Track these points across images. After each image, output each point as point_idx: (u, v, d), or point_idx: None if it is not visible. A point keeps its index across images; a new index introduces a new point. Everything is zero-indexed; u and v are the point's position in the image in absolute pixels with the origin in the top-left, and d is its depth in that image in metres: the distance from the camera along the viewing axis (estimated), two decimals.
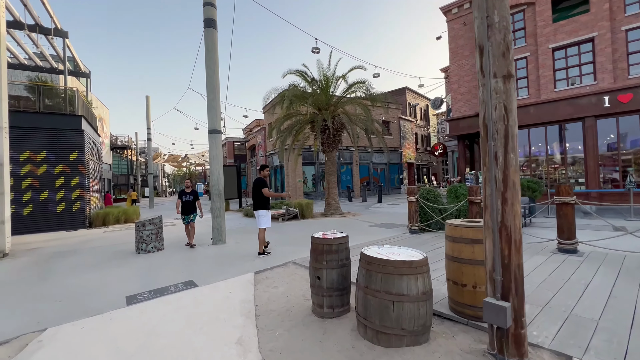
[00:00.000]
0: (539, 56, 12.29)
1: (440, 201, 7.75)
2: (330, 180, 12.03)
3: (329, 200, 12.02)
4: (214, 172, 6.91)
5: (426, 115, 34.14)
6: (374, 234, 7.29)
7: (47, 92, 11.28)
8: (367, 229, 8.23)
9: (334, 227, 8.89)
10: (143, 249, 6.34)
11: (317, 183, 22.36)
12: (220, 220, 6.89)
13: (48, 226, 10.79)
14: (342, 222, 9.78)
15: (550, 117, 12.04)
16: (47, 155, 10.93)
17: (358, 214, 11.97)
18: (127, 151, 37.03)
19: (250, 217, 12.51)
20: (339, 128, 11.71)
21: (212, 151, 6.91)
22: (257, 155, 28.00)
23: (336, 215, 11.69)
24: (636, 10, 10.65)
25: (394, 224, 8.96)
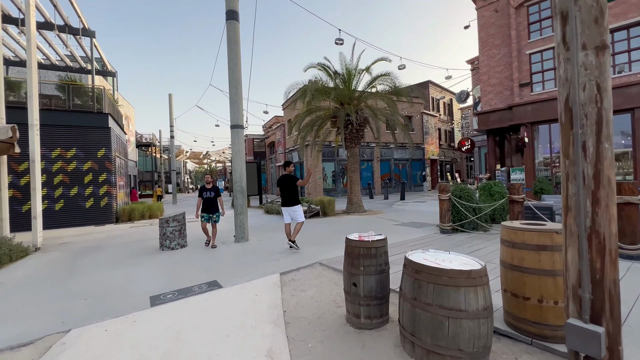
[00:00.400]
0: None
1: (474, 199, 7.24)
2: (352, 177, 11.68)
3: (351, 198, 11.68)
4: (237, 169, 6.75)
5: (450, 110, 32.88)
6: (403, 234, 6.90)
7: (76, 91, 11.59)
8: (394, 228, 7.83)
9: (357, 225, 8.56)
10: (167, 245, 6.29)
11: (337, 180, 22.04)
12: (243, 218, 6.73)
13: (78, 221, 11.13)
14: (366, 221, 9.42)
15: None
16: (76, 152, 11.25)
17: (381, 212, 11.56)
18: (151, 148, 38.20)
19: (271, 214, 12.40)
20: (362, 123, 11.31)
21: (235, 147, 6.75)
22: (277, 151, 28.00)
23: (359, 213, 11.33)
24: None
25: (422, 222, 8.51)
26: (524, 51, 12.74)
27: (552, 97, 11.97)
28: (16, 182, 10.42)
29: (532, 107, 12.41)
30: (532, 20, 12.68)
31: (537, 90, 12.57)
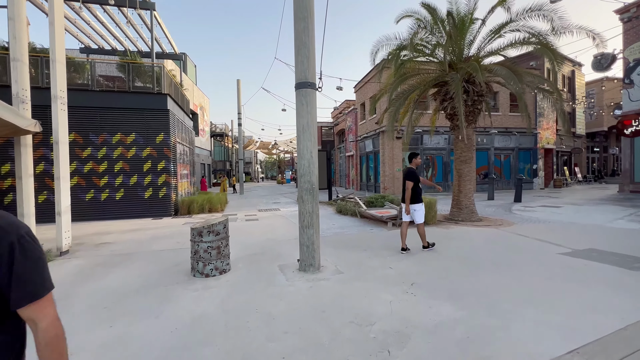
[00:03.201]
0: None
1: None
2: (462, 171, 8.20)
3: (459, 200, 8.25)
4: (304, 153, 4.16)
5: (571, 85, 25.40)
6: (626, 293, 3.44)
7: (135, 70, 10.58)
8: (579, 269, 4.34)
9: (493, 252, 5.26)
10: (199, 270, 4.09)
11: (420, 173, 18.26)
12: (313, 233, 4.16)
13: (136, 212, 10.21)
14: (500, 242, 6.00)
15: None
16: (135, 137, 10.28)
17: (505, 222, 7.86)
18: (225, 138, 39.42)
19: (345, 214, 9.74)
20: (481, 93, 7.70)
21: (302, 118, 4.15)
22: (347, 140, 25.29)
23: (471, 222, 7.86)
24: None
25: (624, 255, 4.76)
26: None
27: None
28: (80, 169, 9.88)
29: None
30: None
31: None
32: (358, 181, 23.27)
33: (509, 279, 3.76)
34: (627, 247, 5.15)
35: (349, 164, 25.39)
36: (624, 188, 16.03)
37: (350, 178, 25.35)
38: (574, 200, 12.97)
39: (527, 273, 3.93)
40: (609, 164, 32.29)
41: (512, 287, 3.51)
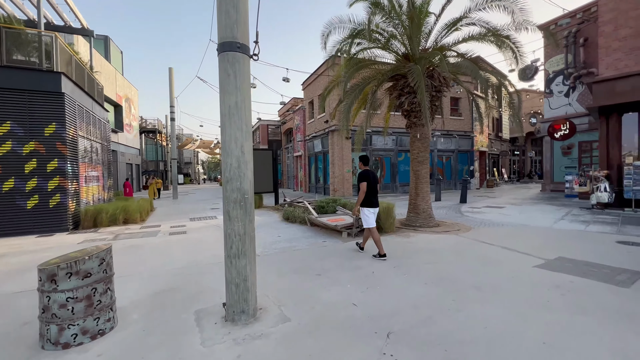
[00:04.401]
0: None
1: None
2: (420, 172, 7.58)
3: (416, 204, 7.61)
4: (231, 148, 2.81)
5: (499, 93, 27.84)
6: None
7: (12, 38, 7.94)
8: (569, 289, 3.75)
9: (456, 261, 4.52)
10: (50, 338, 2.47)
11: None
12: (246, 265, 2.83)
13: (13, 228, 7.60)
14: (468, 253, 5.36)
15: None
16: (12, 127, 7.67)
17: (462, 226, 7.45)
18: (158, 136, 35.14)
19: (293, 222, 8.51)
20: (439, 88, 7.15)
21: (228, 96, 2.80)
22: (295, 139, 24.10)
23: (430, 228, 7.27)
24: None
25: (595, 264, 4.38)
26: None
27: None
28: None
29: None
30: None
31: None
32: (307, 183, 22.24)
33: (504, 311, 2.93)
34: (591, 254, 4.86)
35: (297, 164, 24.24)
36: (546, 187, 17.69)
37: (298, 179, 24.20)
38: (510, 199, 13.64)
39: (519, 301, 3.16)
40: (527, 166, 36.55)
41: (515, 326, 2.66)
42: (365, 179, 4.87)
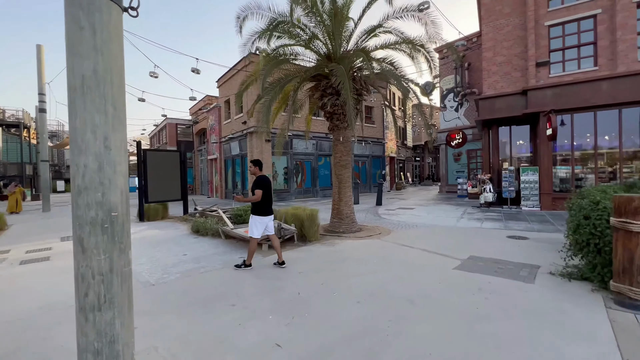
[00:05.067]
0: (617, 13, 9.12)
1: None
2: (343, 176, 7.40)
3: (339, 209, 7.40)
4: (87, 141, 1.82)
5: (404, 104, 31.14)
6: None
7: None
8: (491, 291, 3.83)
9: (383, 269, 4.33)
10: None
11: (290, 178, 17.48)
12: (113, 320, 1.85)
13: None
14: (393, 258, 5.27)
15: (630, 95, 8.97)
16: None
17: (383, 229, 7.57)
18: (25, 131, 27.60)
19: (205, 235, 7.30)
20: (360, 92, 7.10)
21: (82, 61, 1.81)
22: (209, 141, 21.98)
23: (353, 233, 7.13)
24: None
25: (500, 261, 4.73)
26: (542, 22, 10.25)
27: (578, 80, 9.64)
28: None
29: (552, 91, 9.96)
30: None
31: (556, 72, 10.18)
32: (222, 188, 20.45)
33: (443, 328, 2.70)
34: (493, 250, 5.33)
35: (212, 168, 22.15)
36: (443, 189, 20.31)
37: (213, 185, 22.11)
38: (417, 201, 15.02)
39: (453, 313, 3.01)
40: (425, 170, 41.97)
41: (459, 346, 2.41)
42: (260, 186, 4.52)
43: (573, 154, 10.14)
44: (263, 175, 4.69)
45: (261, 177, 4.62)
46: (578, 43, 9.92)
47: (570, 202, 5.25)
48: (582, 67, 9.83)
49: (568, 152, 10.22)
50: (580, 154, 10.13)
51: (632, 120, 9.25)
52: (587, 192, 4.80)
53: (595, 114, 9.65)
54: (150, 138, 34.67)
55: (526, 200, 10.59)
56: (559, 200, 10.06)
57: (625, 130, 9.35)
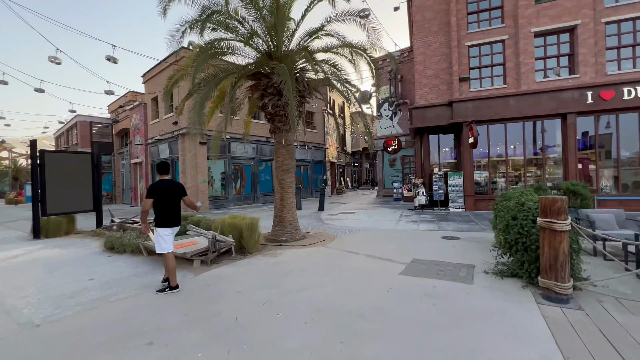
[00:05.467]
0: (520, 40, 10.65)
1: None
2: (285, 181, 7.00)
3: (282, 216, 6.98)
4: None
5: (343, 112, 32.20)
6: None
7: None
8: (437, 296, 3.81)
9: (331, 280, 4.09)
10: None
11: (228, 184, 16.37)
12: None
13: None
14: (339, 267, 5.05)
15: (531, 110, 10.50)
16: None
17: (327, 236, 7.38)
18: None
19: (122, 252, 6.14)
20: (303, 94, 6.84)
21: None
22: (133, 143, 19.42)
23: (297, 241, 6.77)
24: (613, 3, 10.02)
25: (440, 263, 4.86)
26: (463, 42, 11.44)
27: (492, 95, 10.97)
28: None
29: (472, 104, 11.15)
30: (470, 9, 11.55)
31: (475, 87, 11.43)
32: None
33: (399, 346, 2.50)
34: (432, 252, 5.52)
35: (137, 174, 19.59)
36: (380, 193, 21.32)
37: (138, 192, 19.56)
38: (358, 205, 15.38)
39: (406, 324, 2.86)
40: (363, 175, 43.98)
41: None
42: (151, 193, 3.90)
43: (489, 160, 11.47)
44: (161, 180, 4.06)
45: (155, 183, 4.01)
46: (491, 63, 11.31)
47: (495, 203, 5.74)
48: (495, 84, 11.22)
49: (485, 158, 11.52)
50: (494, 161, 11.50)
51: (532, 132, 10.85)
52: (510, 194, 5.27)
53: (505, 126, 11.08)
54: (56, 138, 29.35)
55: (453, 202, 11.59)
56: (480, 201, 11.26)
57: (527, 140, 10.91)
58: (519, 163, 11.27)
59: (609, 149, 10.28)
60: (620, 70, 9.94)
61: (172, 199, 4.00)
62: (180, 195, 4.11)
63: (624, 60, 9.97)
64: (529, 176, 11.11)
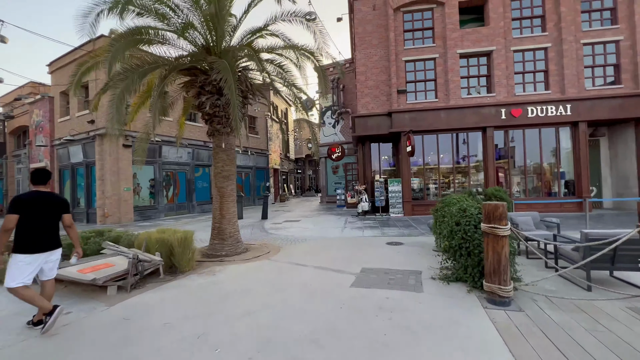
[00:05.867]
0: (448, 60, 11.75)
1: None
2: (225, 189, 6.35)
3: (221, 228, 6.30)
4: None
5: (286, 119, 31.89)
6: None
7: None
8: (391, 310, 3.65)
9: (280, 300, 3.71)
10: None
11: (158, 192, 14.62)
12: None
13: None
14: (287, 283, 4.65)
15: (458, 123, 11.62)
16: None
17: (271, 247, 6.91)
18: None
19: None
20: (246, 94, 6.33)
21: None
22: (33, 143, 16.15)
23: (239, 255, 6.16)
24: (518, 34, 11.73)
25: (389, 270, 4.81)
26: (400, 57, 12.18)
27: (426, 108, 11.85)
28: None
29: (409, 115, 11.88)
30: (406, 27, 12.38)
31: (411, 100, 12.22)
32: None
33: None
34: (380, 259, 5.49)
35: None
36: (323, 199, 21.45)
37: None
38: (302, 212, 15.12)
39: (361, 346, 2.62)
40: (306, 182, 44.13)
41: None
42: (17, 208, 2.97)
43: (424, 167, 12.32)
44: (34, 191, 3.15)
45: (23, 194, 3.10)
46: (425, 78, 12.25)
47: (435, 209, 6.00)
48: (428, 98, 12.16)
49: (421, 166, 12.35)
50: (428, 168, 12.40)
51: (458, 143, 12.00)
52: (449, 200, 5.54)
53: (437, 136, 12.05)
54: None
55: (393, 208, 12.11)
56: (416, 206, 11.96)
57: (455, 150, 12.02)
58: (448, 171, 12.33)
59: (518, 159, 11.90)
60: (525, 92, 11.63)
61: (46, 216, 3.12)
62: (59, 212, 3.24)
63: (527, 84, 11.71)
64: (457, 183, 12.21)
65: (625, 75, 11.04)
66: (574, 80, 11.10)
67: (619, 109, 10.88)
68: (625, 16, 11.11)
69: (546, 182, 11.79)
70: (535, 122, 11.34)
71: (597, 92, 11.09)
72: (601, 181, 12.36)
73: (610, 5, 11.36)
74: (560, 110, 11.11)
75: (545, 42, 11.43)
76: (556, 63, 11.31)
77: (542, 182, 11.80)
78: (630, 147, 11.38)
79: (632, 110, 10.81)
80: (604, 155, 12.39)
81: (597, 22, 11.49)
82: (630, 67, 11.01)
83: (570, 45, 11.12)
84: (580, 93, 11.10)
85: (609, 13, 11.44)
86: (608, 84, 11.33)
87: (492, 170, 11.50)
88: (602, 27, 11.32)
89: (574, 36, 11.17)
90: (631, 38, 10.97)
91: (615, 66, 11.26)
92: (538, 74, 11.63)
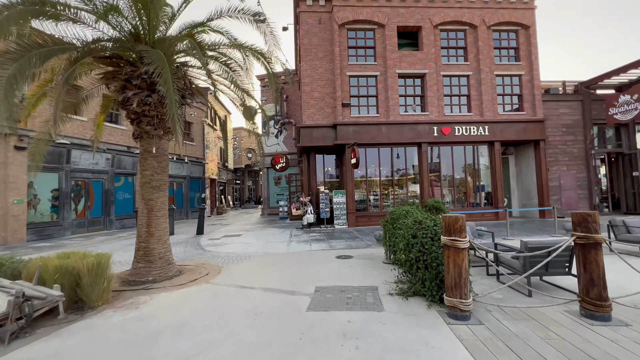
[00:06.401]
0: (388, 78, 12.45)
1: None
2: (155, 202, 5.37)
3: (149, 248, 5.28)
4: None
5: (224, 127, 30.19)
6: None
7: None
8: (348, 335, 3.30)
9: (223, 337, 3.13)
10: None
11: (63, 205, 12.12)
12: None
13: None
14: (230, 314, 3.99)
15: (397, 138, 12.29)
16: None
17: (210, 267, 6.07)
18: None
19: None
20: (184, 94, 5.55)
21: None
22: None
23: (170, 280, 5.23)
24: (447, 61, 13.09)
25: (345, 288, 4.51)
26: (345, 71, 12.48)
27: (369, 122, 12.29)
28: None
29: (353, 128, 12.16)
30: (350, 44, 12.79)
31: (355, 113, 12.56)
32: None
33: None
34: (333, 276, 5.20)
35: None
36: (265, 211, 20.60)
37: None
38: (243, 226, 14.14)
39: None
40: (245, 193, 42.27)
41: None
42: None
43: (367, 179, 12.67)
44: None
45: None
46: (367, 94, 12.75)
47: (385, 221, 5.99)
48: (370, 112, 12.65)
49: (364, 178, 12.67)
50: (370, 180, 12.79)
51: (396, 156, 12.69)
52: (398, 212, 5.57)
53: (378, 150, 12.55)
54: None
55: (338, 220, 12.09)
56: (360, 217, 12.16)
57: (394, 163, 12.67)
58: (387, 183, 12.90)
59: (448, 173, 13.09)
60: (452, 112, 12.94)
61: None
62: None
63: (454, 106, 13.06)
64: (395, 194, 12.82)
65: (526, 104, 13.13)
66: (490, 105, 12.77)
67: (522, 131, 12.84)
68: (525, 55, 13.31)
69: (470, 194, 13.17)
70: (461, 140, 12.64)
71: (507, 117, 12.93)
72: (510, 193, 14.34)
73: (514, 45, 13.50)
74: (480, 130, 12.62)
75: (467, 70, 12.97)
76: (476, 89, 12.89)
77: (466, 194, 13.14)
78: (530, 165, 13.47)
79: (531, 134, 12.85)
80: (512, 171, 14.44)
81: (505, 58, 13.53)
82: (529, 97, 13.15)
83: (486, 75, 12.82)
84: (495, 117, 12.80)
85: (513, 51, 13.58)
86: (514, 110, 13.32)
87: (426, 183, 12.38)
88: (509, 63, 13.36)
89: (489, 67, 12.92)
90: (530, 73, 13.16)
91: (519, 96, 13.32)
92: (462, 97, 13.08)
